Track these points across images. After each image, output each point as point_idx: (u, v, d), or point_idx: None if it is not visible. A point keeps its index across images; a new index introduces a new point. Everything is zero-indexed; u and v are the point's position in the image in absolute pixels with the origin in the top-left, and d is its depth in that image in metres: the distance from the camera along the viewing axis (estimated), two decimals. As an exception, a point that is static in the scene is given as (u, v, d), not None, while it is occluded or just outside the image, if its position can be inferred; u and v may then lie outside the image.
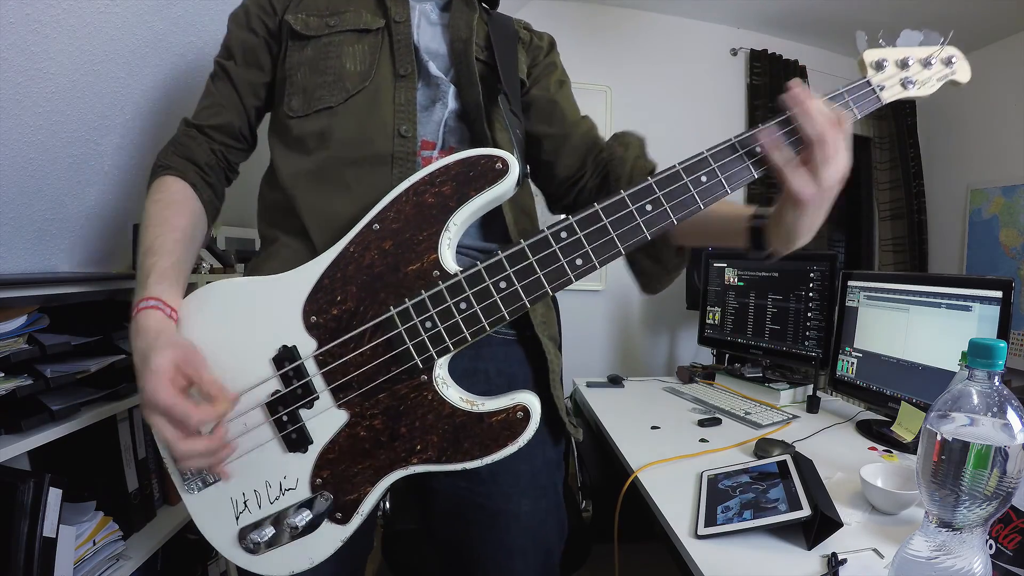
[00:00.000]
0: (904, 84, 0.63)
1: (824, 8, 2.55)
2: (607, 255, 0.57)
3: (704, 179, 0.57)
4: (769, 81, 2.77)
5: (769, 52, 2.80)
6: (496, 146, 0.68)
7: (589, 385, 1.79)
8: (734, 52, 2.81)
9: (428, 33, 0.72)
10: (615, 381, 1.81)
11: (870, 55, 0.63)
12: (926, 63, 0.63)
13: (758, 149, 0.56)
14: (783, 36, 2.85)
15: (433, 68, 0.69)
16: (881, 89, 0.62)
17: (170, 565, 1.16)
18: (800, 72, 2.82)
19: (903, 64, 0.62)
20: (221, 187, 0.73)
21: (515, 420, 0.58)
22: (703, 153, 0.57)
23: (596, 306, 2.70)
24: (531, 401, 0.58)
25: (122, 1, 0.86)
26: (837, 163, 0.54)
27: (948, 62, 0.64)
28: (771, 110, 2.75)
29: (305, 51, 0.68)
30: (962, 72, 0.65)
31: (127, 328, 0.58)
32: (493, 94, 0.72)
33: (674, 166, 0.57)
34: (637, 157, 0.75)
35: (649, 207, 0.57)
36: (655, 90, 2.71)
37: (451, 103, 0.70)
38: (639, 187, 0.57)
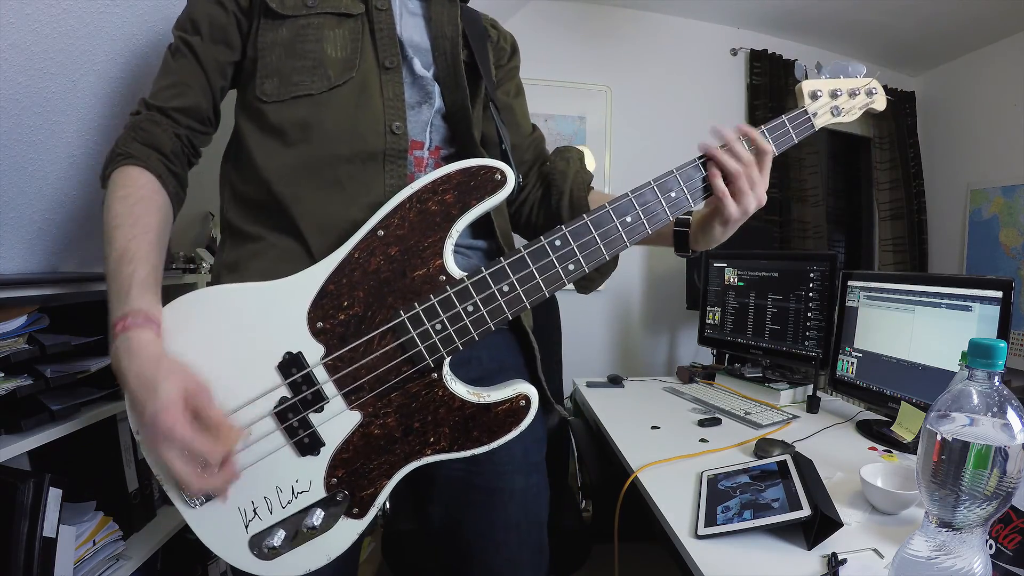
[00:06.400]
0: (833, 111, 0.72)
1: (824, 8, 2.55)
2: (594, 261, 0.63)
3: (673, 194, 0.65)
4: (769, 81, 2.77)
5: (769, 52, 2.80)
6: (483, 154, 0.70)
7: (589, 385, 1.78)
8: (734, 52, 2.80)
9: (410, 25, 0.71)
10: (615, 381, 1.81)
11: (807, 85, 0.71)
12: (852, 93, 0.73)
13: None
14: (783, 36, 2.84)
15: (418, 66, 0.68)
16: (815, 116, 0.71)
17: (170, 565, 1.16)
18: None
19: (833, 94, 0.72)
20: (185, 175, 0.68)
21: (519, 408, 0.62)
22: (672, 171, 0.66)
23: (596, 306, 2.70)
24: (530, 390, 0.63)
25: (122, 1, 0.86)
26: (757, 193, 0.65)
27: (870, 93, 0.74)
28: (771, 110, 2.75)
29: (280, 31, 0.64)
30: (880, 102, 0.76)
31: None
32: (476, 97, 0.72)
33: (648, 182, 0.64)
34: (577, 171, 0.80)
35: (629, 219, 0.63)
36: (655, 90, 2.70)
37: (437, 102, 0.69)
38: (621, 202, 0.63)
